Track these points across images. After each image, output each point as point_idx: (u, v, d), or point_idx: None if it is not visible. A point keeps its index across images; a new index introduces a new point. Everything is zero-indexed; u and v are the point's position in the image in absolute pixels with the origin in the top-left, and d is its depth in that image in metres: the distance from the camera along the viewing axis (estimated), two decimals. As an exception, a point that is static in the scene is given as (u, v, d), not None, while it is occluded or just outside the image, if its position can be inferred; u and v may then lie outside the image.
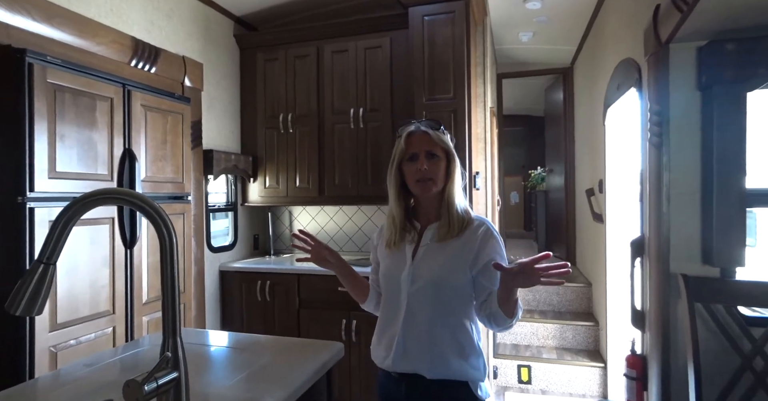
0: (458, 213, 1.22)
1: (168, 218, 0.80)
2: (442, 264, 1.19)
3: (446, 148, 1.23)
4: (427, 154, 1.21)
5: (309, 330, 2.76)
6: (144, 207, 0.78)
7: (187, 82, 2.59)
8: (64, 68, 1.80)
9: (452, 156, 1.24)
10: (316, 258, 1.35)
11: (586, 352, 3.20)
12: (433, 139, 1.21)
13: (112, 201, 0.79)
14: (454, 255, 1.19)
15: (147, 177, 2.19)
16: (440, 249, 1.21)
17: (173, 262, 0.79)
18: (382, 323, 1.29)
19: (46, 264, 0.77)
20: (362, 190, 2.93)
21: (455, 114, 2.61)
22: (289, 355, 1.19)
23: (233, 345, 1.26)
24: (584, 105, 4.04)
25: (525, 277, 1.03)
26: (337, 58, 2.97)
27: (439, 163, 1.21)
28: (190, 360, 1.14)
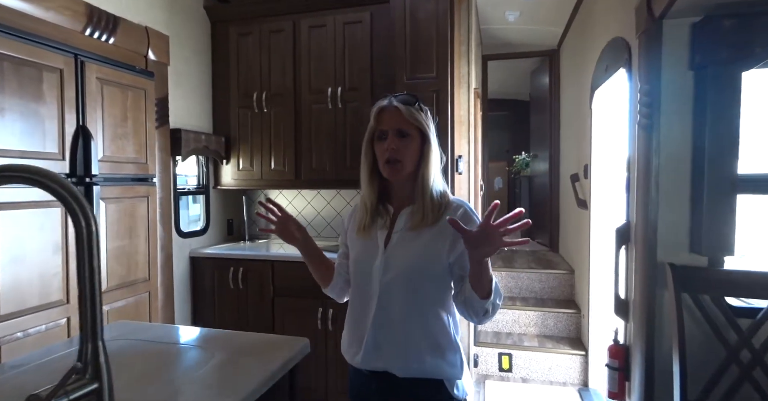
0: (434, 197, 1.12)
1: (85, 202, 0.67)
2: (417, 253, 1.10)
3: (420, 127, 1.11)
4: (397, 133, 1.10)
5: (284, 319, 2.66)
6: (50, 185, 0.65)
7: (151, 55, 2.40)
8: (5, 33, 1.61)
9: (427, 135, 1.12)
10: (281, 230, 1.25)
11: (567, 340, 3.17)
12: (405, 116, 1.10)
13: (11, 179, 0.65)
14: (429, 242, 1.10)
15: (105, 156, 2.02)
16: (415, 236, 1.11)
17: (92, 255, 0.67)
18: (352, 315, 1.20)
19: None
20: (340, 174, 2.80)
21: (437, 94, 2.48)
22: (248, 353, 1.08)
23: (185, 342, 1.14)
24: (570, 88, 3.95)
25: (485, 240, 0.93)
26: (314, 34, 2.80)
27: (410, 143, 1.11)
28: (129, 362, 1.03)
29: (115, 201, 2.09)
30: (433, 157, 1.12)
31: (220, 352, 1.08)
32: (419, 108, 1.13)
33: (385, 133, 1.11)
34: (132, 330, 1.27)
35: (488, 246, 0.94)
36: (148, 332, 1.25)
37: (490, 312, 1.05)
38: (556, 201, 4.54)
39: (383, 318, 1.10)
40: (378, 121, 1.13)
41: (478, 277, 1.00)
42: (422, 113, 1.13)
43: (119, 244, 2.12)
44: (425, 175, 1.11)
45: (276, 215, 1.24)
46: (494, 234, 0.93)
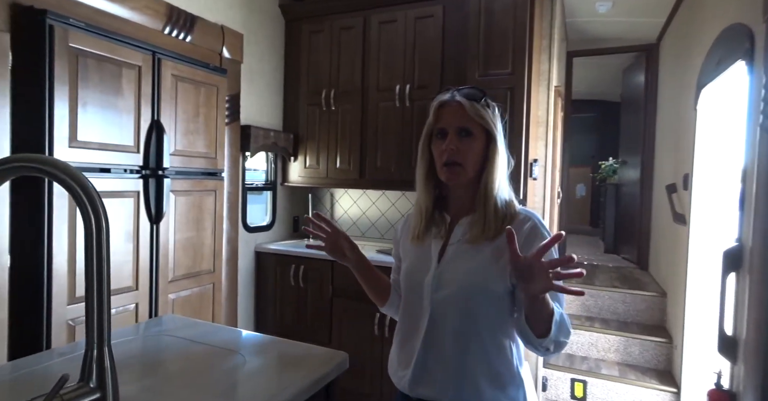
0: (498, 207, 0.97)
1: (99, 199, 0.62)
2: (475, 269, 0.96)
3: (485, 125, 0.97)
4: (458, 131, 0.97)
5: (341, 320, 2.61)
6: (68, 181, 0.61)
7: (226, 53, 2.47)
8: (88, 32, 1.71)
9: (493, 135, 0.97)
10: (332, 248, 1.13)
11: (654, 372, 2.79)
12: (469, 113, 0.96)
13: (21, 170, 0.62)
14: (489, 257, 0.95)
15: (176, 150, 2.09)
16: (474, 250, 0.97)
17: (101, 253, 0.61)
18: (401, 334, 1.06)
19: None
20: (406, 174, 2.69)
21: (512, 92, 2.28)
22: (283, 364, 1.01)
23: (224, 344, 1.10)
24: (671, 87, 3.49)
25: (532, 276, 0.78)
26: (384, 30, 2.71)
27: (473, 144, 0.97)
28: (161, 361, 1.00)
29: (185, 194, 2.16)
30: (499, 161, 0.98)
31: (255, 359, 1.02)
32: (486, 104, 0.99)
33: (445, 131, 0.98)
34: (179, 326, 1.26)
35: (535, 283, 0.78)
36: (193, 330, 1.23)
37: (552, 350, 0.88)
38: (647, 213, 4.07)
39: (434, 340, 0.97)
40: (437, 117, 1.00)
41: (533, 313, 0.85)
42: (489, 110, 0.99)
43: (187, 236, 2.19)
44: (489, 181, 0.97)
45: (325, 231, 1.13)
46: (542, 273, 0.77)
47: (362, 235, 3.19)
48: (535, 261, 0.77)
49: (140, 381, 0.89)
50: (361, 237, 3.18)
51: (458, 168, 0.96)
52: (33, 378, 0.90)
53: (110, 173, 1.82)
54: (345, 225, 3.24)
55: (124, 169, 1.87)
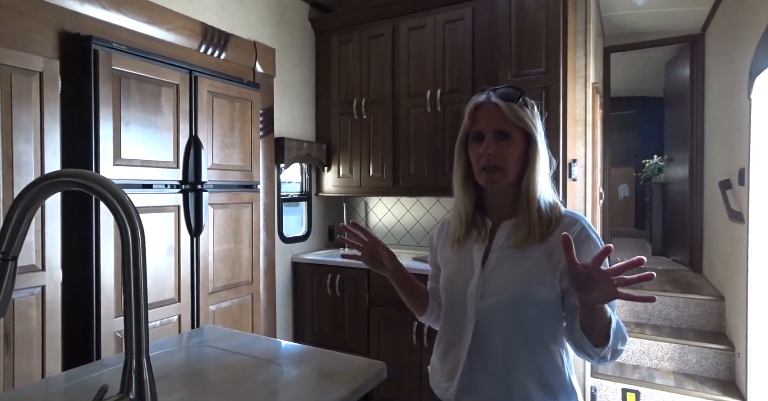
0: (542, 210, 0.94)
1: (134, 210, 0.63)
2: (522, 276, 0.92)
3: (524, 127, 0.92)
4: (496, 134, 0.93)
5: (379, 329, 2.58)
6: (104, 194, 0.62)
7: (259, 67, 2.53)
8: (129, 54, 1.79)
9: (533, 136, 0.93)
10: (369, 257, 1.11)
11: (716, 383, 2.60)
12: (506, 114, 0.92)
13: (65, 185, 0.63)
14: (537, 263, 0.91)
15: (213, 164, 2.15)
16: (519, 255, 0.93)
17: (137, 266, 0.62)
18: (443, 344, 1.02)
19: (4, 260, 0.64)
20: (439, 180, 2.65)
21: (547, 91, 2.21)
22: (321, 374, 0.99)
23: (262, 355, 1.10)
24: (720, 78, 3.30)
25: (593, 286, 0.75)
26: (413, 36, 2.71)
27: (511, 147, 0.93)
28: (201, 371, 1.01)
29: (222, 207, 2.21)
30: (540, 163, 0.94)
31: (293, 369, 1.01)
32: (524, 103, 0.95)
33: (482, 134, 0.94)
34: (218, 337, 1.28)
35: (597, 292, 0.75)
36: (232, 340, 1.24)
37: (609, 357, 0.83)
38: (698, 211, 3.83)
39: (481, 351, 0.93)
40: (473, 119, 0.97)
41: (590, 322, 0.81)
42: (528, 109, 0.95)
43: (225, 247, 2.23)
44: (531, 184, 0.93)
45: (361, 240, 1.11)
46: (605, 282, 0.74)
47: (397, 243, 3.17)
48: (596, 270, 0.74)
49: (180, 391, 0.90)
50: (397, 245, 3.16)
51: (498, 172, 0.93)
52: (82, 388, 0.92)
53: (152, 189, 1.89)
54: (380, 234, 3.23)
55: (165, 185, 1.94)
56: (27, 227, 0.64)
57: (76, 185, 0.63)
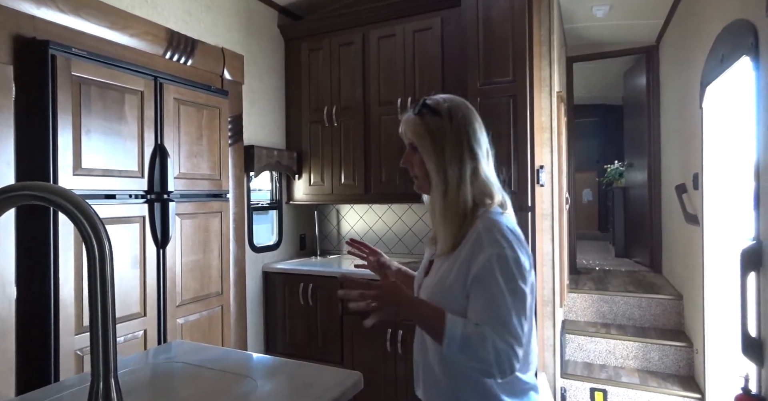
0: (446, 219, 0.94)
1: (101, 225, 0.60)
2: (435, 284, 0.95)
3: (420, 138, 0.96)
4: (410, 147, 1.00)
5: (353, 338, 2.56)
6: (68, 207, 0.59)
7: (227, 75, 2.48)
8: (90, 60, 1.72)
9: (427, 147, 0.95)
10: (378, 267, 1.21)
11: (676, 378, 2.71)
12: (405, 129, 0.99)
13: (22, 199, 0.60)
14: (446, 272, 0.93)
15: (180, 173, 2.09)
16: (442, 263, 0.95)
17: (105, 283, 0.60)
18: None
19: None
20: (410, 188, 2.65)
21: (514, 100, 2.27)
22: (295, 387, 0.97)
23: (234, 369, 1.07)
24: (673, 87, 3.48)
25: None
26: (383, 44, 2.73)
27: (416, 156, 0.98)
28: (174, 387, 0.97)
29: (190, 217, 2.15)
30: (433, 171, 0.95)
31: (267, 383, 0.99)
32: (432, 113, 0.96)
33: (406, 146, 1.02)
34: (188, 351, 1.24)
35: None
36: (203, 354, 1.20)
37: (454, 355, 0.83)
38: (657, 215, 4.01)
39: (422, 349, 0.99)
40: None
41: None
42: (435, 118, 0.95)
43: (193, 258, 2.17)
44: (433, 195, 0.97)
45: (364, 251, 1.22)
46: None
47: (370, 250, 3.16)
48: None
49: (150, 412, 0.86)
50: (370, 252, 3.15)
51: (416, 180, 1.00)
52: (40, 413, 0.87)
53: (115, 199, 1.82)
54: (352, 241, 3.22)
55: (129, 195, 1.87)
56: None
57: (38, 199, 0.60)
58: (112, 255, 0.60)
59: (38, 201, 0.59)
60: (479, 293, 0.84)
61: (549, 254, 2.69)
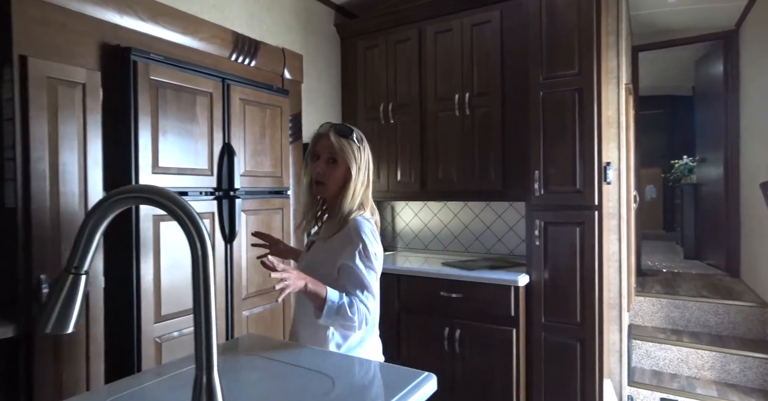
0: (346, 215, 1.27)
1: (204, 226, 0.63)
2: (319, 262, 1.29)
3: (345, 158, 1.27)
4: (327, 159, 1.28)
5: (409, 336, 2.56)
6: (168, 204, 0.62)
7: (287, 74, 2.54)
8: (167, 64, 1.82)
9: (351, 166, 1.27)
10: (278, 252, 1.52)
11: (761, 393, 2.50)
12: (333, 145, 1.26)
13: (133, 200, 0.64)
14: (329, 253, 1.27)
15: (246, 171, 2.17)
16: (323, 247, 1.30)
17: (207, 279, 0.62)
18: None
19: (76, 274, 0.65)
20: (469, 184, 2.63)
21: (580, 93, 2.17)
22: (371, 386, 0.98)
23: (307, 365, 1.09)
24: (759, 74, 3.19)
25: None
26: (440, 40, 2.69)
27: (336, 170, 1.27)
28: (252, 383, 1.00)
29: (254, 213, 2.22)
30: (354, 185, 1.28)
31: (341, 381, 1.00)
32: (354, 140, 1.28)
33: (318, 155, 1.29)
34: (262, 345, 1.28)
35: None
36: (276, 348, 1.24)
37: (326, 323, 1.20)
38: (734, 214, 3.71)
39: (297, 311, 1.36)
40: (314, 144, 1.31)
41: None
42: (355, 144, 1.28)
43: (257, 253, 2.24)
44: (344, 196, 1.27)
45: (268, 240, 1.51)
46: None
47: (425, 248, 3.15)
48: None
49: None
50: (424, 250, 3.14)
51: (323, 186, 1.28)
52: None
53: (188, 196, 1.91)
54: (407, 238, 3.21)
55: (200, 192, 1.96)
56: (97, 242, 0.65)
57: (147, 200, 0.63)
58: (213, 256, 0.63)
59: (149, 203, 0.62)
60: (350, 271, 1.21)
61: (615, 254, 2.57)
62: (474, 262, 2.66)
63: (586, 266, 2.16)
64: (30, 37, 1.49)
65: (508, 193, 2.54)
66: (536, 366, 2.26)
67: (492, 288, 2.29)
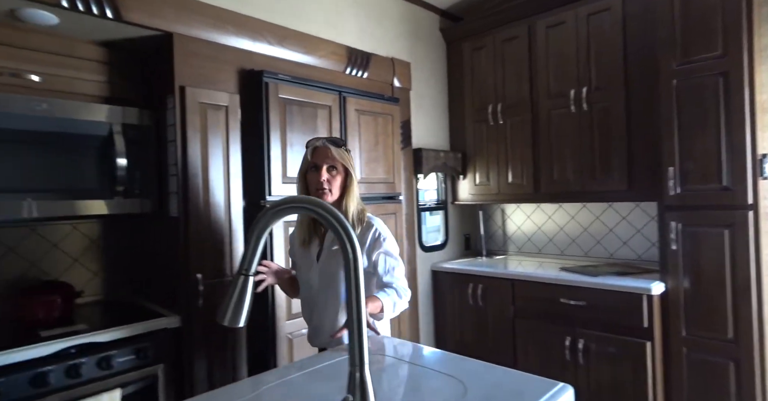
0: (354, 219, 1.42)
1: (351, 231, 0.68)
2: (338, 269, 1.41)
3: (345, 164, 1.41)
4: (328, 167, 1.39)
5: (526, 344, 2.47)
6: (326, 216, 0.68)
7: (396, 82, 2.62)
8: (292, 83, 1.99)
9: (350, 172, 1.42)
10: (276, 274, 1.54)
11: None
12: (333, 155, 1.39)
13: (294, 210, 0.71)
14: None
15: (361, 178, 2.27)
16: (338, 254, 1.38)
17: (358, 280, 0.67)
18: (307, 310, 1.51)
19: (245, 275, 0.75)
20: (588, 185, 2.46)
21: (725, 77, 1.92)
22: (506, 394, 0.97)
23: (434, 366, 1.11)
24: None
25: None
26: (552, 34, 2.56)
27: (337, 177, 1.40)
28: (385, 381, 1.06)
29: (370, 218, 2.32)
30: (354, 189, 1.43)
31: (473, 386, 1.00)
32: (346, 149, 1.43)
33: (318, 166, 1.39)
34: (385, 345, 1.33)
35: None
36: (398, 348, 1.28)
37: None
38: None
39: (322, 311, 1.45)
40: (312, 156, 1.41)
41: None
42: (347, 153, 1.43)
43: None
44: (348, 202, 1.42)
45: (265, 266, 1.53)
46: None
47: (539, 252, 3.01)
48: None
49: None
50: (538, 254, 3.00)
51: (329, 193, 1.39)
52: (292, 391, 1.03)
53: (312, 203, 2.06)
54: (519, 242, 3.10)
55: (322, 199, 2.10)
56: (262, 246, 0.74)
57: (305, 210, 0.70)
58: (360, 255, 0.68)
59: (306, 212, 0.69)
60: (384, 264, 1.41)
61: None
62: (596, 268, 2.47)
63: (738, 274, 1.89)
64: (186, 70, 1.74)
65: (635, 193, 2.32)
66: (676, 386, 2.03)
67: (620, 296, 2.12)
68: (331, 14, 2.34)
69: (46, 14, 1.50)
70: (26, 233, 1.77)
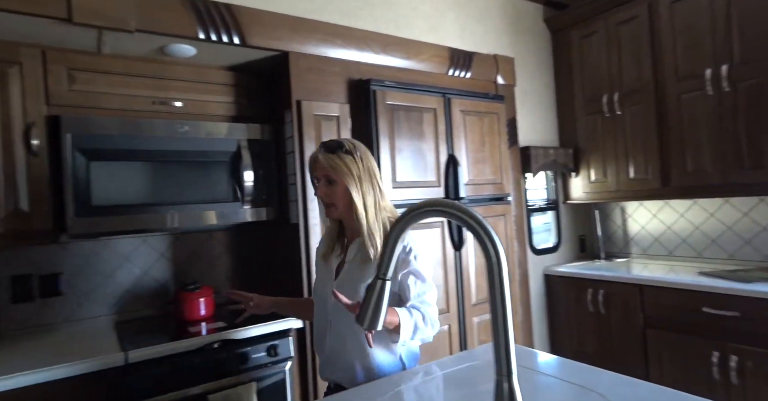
0: (371, 230, 1.20)
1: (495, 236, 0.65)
2: (359, 286, 1.20)
3: (341, 175, 1.20)
4: (325, 180, 1.23)
5: (660, 357, 2.21)
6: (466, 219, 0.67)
7: (500, 79, 2.53)
8: (397, 89, 2.01)
9: (349, 180, 1.20)
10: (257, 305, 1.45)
11: None
12: (323, 164, 1.21)
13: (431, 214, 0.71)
14: (371, 276, 1.13)
15: (468, 180, 2.23)
16: (362, 268, 1.22)
17: (502, 286, 0.64)
18: (317, 331, 1.33)
19: (383, 280, 0.76)
20: (731, 177, 2.14)
21: None
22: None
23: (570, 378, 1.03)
24: None
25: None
26: (678, 9, 2.29)
27: (336, 188, 1.21)
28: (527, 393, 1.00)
29: (478, 220, 2.26)
30: (357, 199, 1.20)
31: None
32: (344, 153, 1.20)
33: (318, 179, 1.24)
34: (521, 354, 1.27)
35: None
36: (524, 356, 1.22)
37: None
38: None
39: (335, 336, 1.24)
40: (311, 168, 1.27)
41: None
42: (348, 157, 1.20)
43: (483, 261, 2.27)
44: (357, 213, 1.20)
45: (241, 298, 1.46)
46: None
47: (669, 254, 2.68)
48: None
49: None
50: (668, 257, 2.68)
51: (332, 207, 1.23)
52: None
53: (420, 206, 2.06)
54: (645, 243, 2.80)
55: (430, 202, 2.09)
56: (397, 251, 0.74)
57: (442, 213, 0.69)
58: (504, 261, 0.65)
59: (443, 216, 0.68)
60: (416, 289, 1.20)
61: None
62: (748, 273, 2.14)
63: None
64: (301, 84, 1.85)
65: (797, 184, 1.97)
66: None
67: (784, 306, 1.80)
68: (432, 18, 2.33)
69: (186, 47, 1.69)
70: (172, 241, 2.02)
